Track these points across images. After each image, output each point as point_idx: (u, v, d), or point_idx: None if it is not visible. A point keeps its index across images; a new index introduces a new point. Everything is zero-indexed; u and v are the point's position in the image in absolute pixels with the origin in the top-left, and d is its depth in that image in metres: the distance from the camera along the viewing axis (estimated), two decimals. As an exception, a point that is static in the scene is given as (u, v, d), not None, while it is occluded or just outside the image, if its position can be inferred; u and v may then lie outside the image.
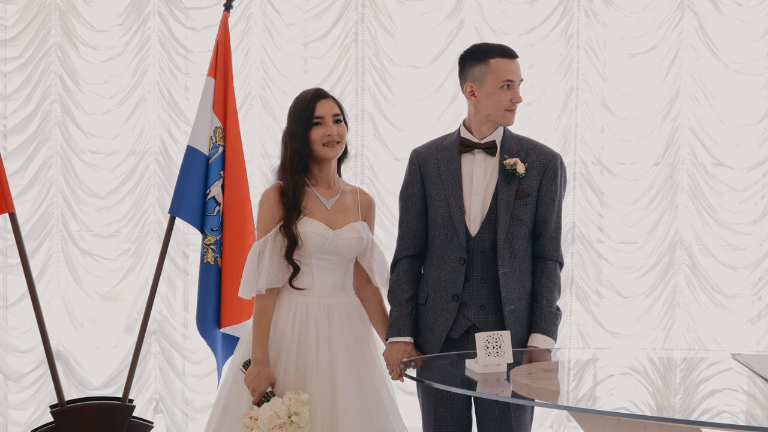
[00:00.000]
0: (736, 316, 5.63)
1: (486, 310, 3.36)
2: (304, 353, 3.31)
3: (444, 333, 3.37)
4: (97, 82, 5.48)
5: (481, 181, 3.38)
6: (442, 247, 3.39)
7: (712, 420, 2.59)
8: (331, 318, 3.36)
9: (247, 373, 3.27)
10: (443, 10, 5.54)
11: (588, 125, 5.58)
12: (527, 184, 3.37)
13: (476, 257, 3.36)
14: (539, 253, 3.43)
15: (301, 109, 3.38)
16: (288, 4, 5.54)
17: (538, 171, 3.38)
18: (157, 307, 5.40)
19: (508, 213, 3.34)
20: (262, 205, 3.38)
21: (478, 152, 3.40)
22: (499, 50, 3.38)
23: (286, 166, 3.39)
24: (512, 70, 3.34)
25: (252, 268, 3.33)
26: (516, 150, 3.39)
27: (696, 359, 3.74)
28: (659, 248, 5.60)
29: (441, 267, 3.39)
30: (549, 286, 3.40)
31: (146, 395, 5.48)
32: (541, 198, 3.39)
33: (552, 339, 3.38)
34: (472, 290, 3.36)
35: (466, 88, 3.40)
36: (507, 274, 3.34)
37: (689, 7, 5.55)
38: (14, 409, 5.47)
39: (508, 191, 3.35)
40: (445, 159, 3.40)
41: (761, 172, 5.62)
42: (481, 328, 3.33)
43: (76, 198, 5.46)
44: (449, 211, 3.36)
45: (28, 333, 5.42)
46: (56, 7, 5.42)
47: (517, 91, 3.35)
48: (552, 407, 3.77)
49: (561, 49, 5.58)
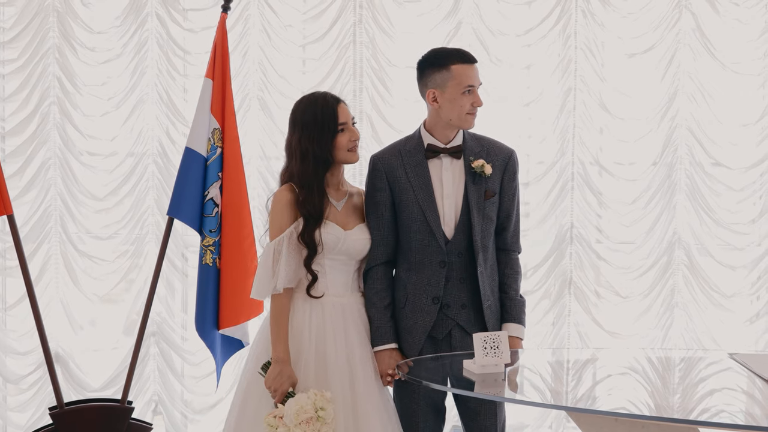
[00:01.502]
0: (734, 316, 5.63)
1: (467, 309, 3.44)
2: (323, 353, 3.30)
3: (424, 335, 3.43)
4: (95, 83, 5.48)
5: (450, 184, 3.44)
6: (420, 252, 3.43)
7: (710, 419, 2.59)
8: (345, 317, 3.37)
9: (269, 373, 3.23)
10: (441, 11, 5.55)
11: (586, 126, 5.59)
12: (492, 183, 3.46)
13: (454, 259, 3.43)
14: (502, 246, 3.53)
15: (325, 115, 3.31)
16: (286, 5, 5.55)
17: (499, 169, 3.48)
18: (156, 309, 5.39)
19: (480, 213, 3.42)
20: (276, 205, 3.32)
21: (444, 156, 3.46)
22: (458, 56, 3.44)
23: (306, 175, 3.30)
24: (472, 76, 3.42)
25: (267, 268, 3.28)
26: (477, 150, 3.47)
27: (694, 359, 3.74)
28: (657, 248, 5.61)
29: (420, 271, 3.44)
30: (514, 276, 3.53)
31: (145, 397, 5.48)
32: (503, 194, 3.49)
33: (523, 326, 3.50)
34: (452, 291, 3.43)
35: (428, 94, 3.46)
36: (483, 272, 3.44)
37: (687, 8, 5.56)
38: (13, 411, 5.47)
39: (477, 192, 3.43)
40: (412, 165, 3.45)
41: (759, 171, 5.62)
42: (465, 327, 3.42)
43: (74, 200, 5.46)
44: (424, 217, 3.41)
45: (26, 335, 5.42)
46: (54, 9, 5.42)
47: (478, 96, 3.43)
48: (550, 407, 3.77)
49: (559, 49, 5.58)
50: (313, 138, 3.30)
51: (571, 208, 5.59)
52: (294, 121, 3.36)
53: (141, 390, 5.45)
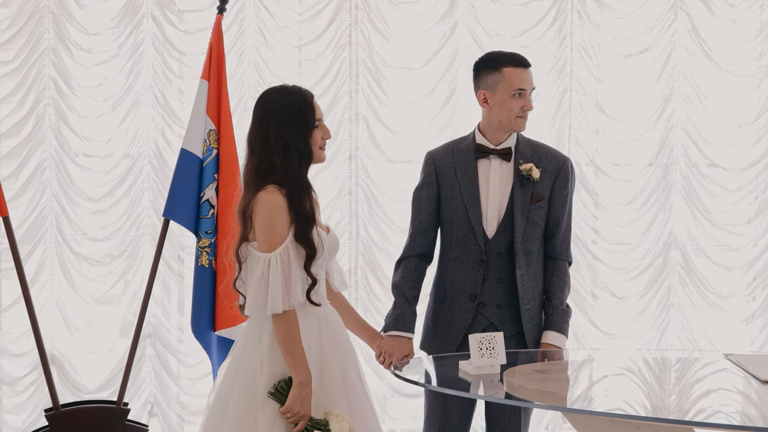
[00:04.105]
0: (730, 317, 5.64)
1: (503, 310, 3.47)
2: (327, 370, 3.06)
3: (462, 332, 3.46)
4: (91, 85, 5.47)
5: (497, 185, 3.48)
6: (460, 249, 3.49)
7: (706, 420, 2.60)
8: (331, 327, 3.13)
9: (292, 398, 2.90)
10: (437, 12, 5.55)
11: (582, 127, 5.59)
12: (541, 188, 3.48)
13: (493, 258, 3.46)
14: (551, 253, 3.55)
15: (305, 108, 3.04)
16: (281, 6, 5.54)
17: (551, 175, 3.50)
18: (152, 311, 5.38)
19: (524, 216, 3.45)
20: (270, 210, 2.96)
21: (493, 157, 3.50)
22: (511, 59, 3.49)
23: (292, 171, 3.01)
24: (524, 79, 3.46)
25: (278, 281, 2.94)
26: (530, 155, 3.51)
27: (690, 360, 3.75)
28: (653, 249, 5.61)
29: (458, 268, 3.49)
30: (560, 285, 3.52)
31: (141, 398, 5.47)
32: (553, 201, 3.51)
33: (564, 336, 3.51)
34: (489, 290, 3.47)
35: (480, 95, 3.51)
36: (523, 274, 3.46)
37: (682, 9, 5.56)
38: (9, 413, 5.45)
39: (523, 195, 3.46)
40: (461, 163, 3.50)
41: (755, 172, 5.63)
42: (499, 327, 3.45)
43: (70, 201, 5.45)
44: (467, 214, 3.47)
45: (22, 337, 5.41)
46: (49, 10, 5.41)
47: (529, 99, 3.47)
48: (546, 408, 3.78)
49: (554, 50, 5.59)
50: (293, 131, 3.01)
51: (567, 209, 5.59)
52: (266, 113, 3.05)
53: (137, 392, 5.45)
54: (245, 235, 3.05)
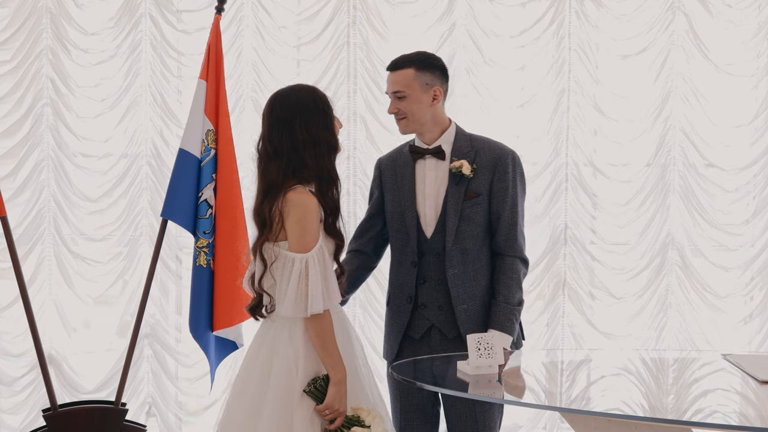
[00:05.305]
0: (727, 317, 5.64)
1: (444, 311, 3.45)
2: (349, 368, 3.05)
3: (400, 334, 3.48)
4: (89, 85, 5.47)
5: (433, 185, 3.47)
6: (399, 251, 3.53)
7: (704, 420, 2.60)
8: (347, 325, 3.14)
9: (331, 395, 2.92)
10: (435, 12, 5.55)
11: (580, 127, 5.59)
12: (476, 183, 3.44)
13: (431, 259, 3.46)
14: (495, 249, 3.50)
15: (323, 100, 3.07)
16: (279, 6, 5.54)
17: (488, 169, 3.45)
18: (150, 311, 5.39)
19: (457, 215, 3.42)
20: (310, 213, 2.94)
21: (429, 157, 3.49)
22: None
23: (323, 163, 3.00)
24: (388, 82, 3.52)
25: (317, 281, 2.93)
26: (466, 151, 3.47)
27: (688, 360, 3.75)
28: (651, 249, 5.62)
29: (398, 270, 3.53)
30: (506, 282, 3.44)
31: (139, 399, 5.47)
32: (493, 195, 3.46)
33: (507, 334, 3.39)
34: (430, 291, 3.46)
35: None
36: (456, 274, 3.42)
37: (680, 9, 5.57)
38: (6, 414, 5.45)
39: (456, 193, 3.43)
40: (401, 166, 3.54)
41: (752, 172, 5.64)
42: (441, 328, 3.44)
43: (67, 201, 5.45)
44: (403, 216, 3.48)
45: (20, 337, 5.40)
46: (47, 10, 5.41)
47: (391, 103, 3.48)
48: (543, 408, 3.77)
49: (552, 51, 5.59)
50: (320, 123, 3.01)
51: (565, 210, 5.60)
52: (288, 111, 3.04)
53: (135, 392, 5.44)
54: (269, 235, 3.01)
